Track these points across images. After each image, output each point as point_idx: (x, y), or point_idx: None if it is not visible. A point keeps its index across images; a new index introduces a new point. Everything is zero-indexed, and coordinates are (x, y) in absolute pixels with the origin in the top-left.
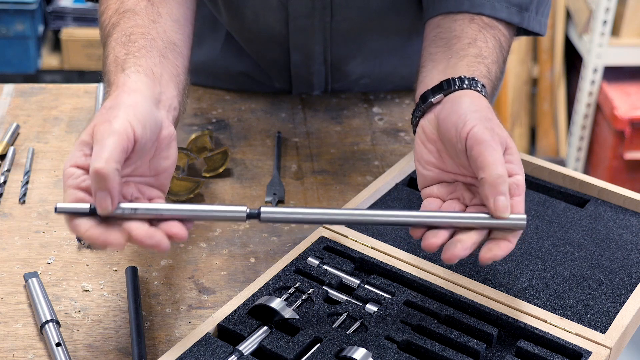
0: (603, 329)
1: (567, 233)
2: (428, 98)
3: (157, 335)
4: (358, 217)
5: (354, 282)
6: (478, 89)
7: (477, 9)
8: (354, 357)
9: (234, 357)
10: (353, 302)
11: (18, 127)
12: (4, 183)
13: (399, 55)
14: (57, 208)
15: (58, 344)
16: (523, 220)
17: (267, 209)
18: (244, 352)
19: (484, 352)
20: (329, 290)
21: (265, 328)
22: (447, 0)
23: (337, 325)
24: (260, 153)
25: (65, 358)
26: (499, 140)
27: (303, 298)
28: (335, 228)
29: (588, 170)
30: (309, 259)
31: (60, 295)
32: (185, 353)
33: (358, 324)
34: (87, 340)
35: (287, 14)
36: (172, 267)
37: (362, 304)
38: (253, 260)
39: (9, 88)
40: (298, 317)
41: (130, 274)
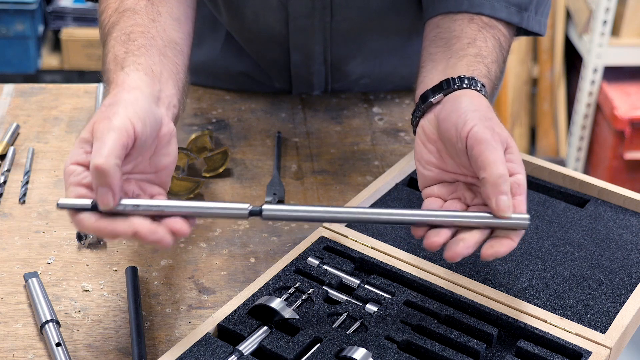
0: (603, 329)
1: (567, 233)
2: (428, 98)
3: (157, 335)
4: (360, 215)
5: (354, 282)
6: (478, 89)
7: (476, 9)
8: (354, 357)
9: (234, 357)
10: (353, 302)
11: (18, 127)
12: (4, 183)
13: (399, 55)
14: (59, 204)
15: (58, 344)
16: (526, 220)
17: (269, 207)
18: (244, 352)
19: (484, 352)
20: (329, 290)
21: (265, 328)
22: (446, 0)
23: (337, 325)
24: (260, 153)
25: (65, 358)
26: (500, 140)
27: (303, 298)
28: (335, 228)
29: (588, 170)
30: (309, 259)
31: (60, 295)
32: (185, 353)
33: (358, 324)
34: (87, 340)
35: (287, 14)
36: (172, 267)
37: (362, 304)
38: (253, 260)
39: (9, 88)
40: (298, 317)
41: (130, 274)
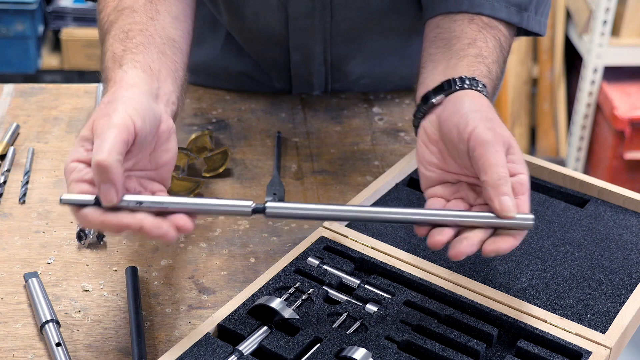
0: (603, 329)
1: (567, 233)
2: (429, 99)
3: (157, 335)
4: (363, 214)
5: (354, 282)
6: (479, 89)
7: (476, 9)
8: (354, 357)
9: (234, 357)
10: (353, 302)
11: (18, 127)
12: (4, 183)
13: (399, 55)
14: (62, 199)
15: (58, 344)
16: (530, 221)
17: (272, 204)
18: (244, 352)
19: (484, 352)
20: (329, 290)
21: (265, 328)
22: (446, 0)
23: (337, 325)
24: (260, 153)
25: (65, 358)
26: (502, 140)
27: (303, 298)
28: (335, 228)
29: (588, 170)
30: (309, 259)
31: (60, 295)
32: (185, 353)
33: (358, 324)
34: (87, 340)
35: (287, 14)
36: (172, 267)
37: (362, 304)
38: (253, 260)
39: (9, 88)
40: (298, 317)
41: (130, 274)
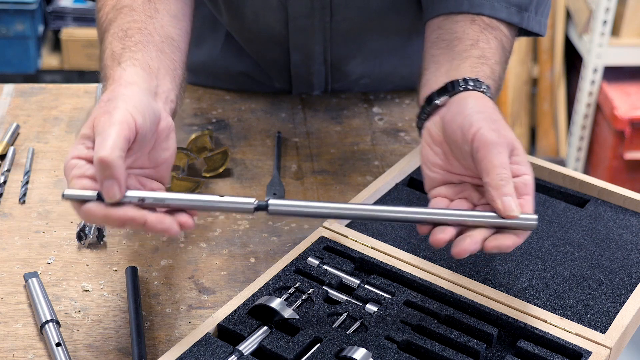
0: (603, 329)
1: (567, 233)
2: (433, 100)
3: (157, 335)
4: (366, 212)
5: (354, 282)
6: (483, 90)
7: (476, 9)
8: (354, 357)
9: (234, 357)
10: (353, 302)
11: (18, 127)
12: (4, 183)
13: (399, 55)
14: (64, 194)
15: (58, 344)
16: (534, 221)
17: (275, 201)
18: (244, 352)
19: (484, 352)
20: (329, 290)
21: (265, 328)
22: (446, 1)
23: (337, 325)
24: (260, 153)
25: (65, 358)
26: (506, 142)
27: (303, 298)
28: (335, 228)
29: (588, 170)
30: (309, 259)
31: (60, 295)
32: (185, 353)
33: (358, 324)
34: (87, 340)
35: (286, 14)
36: (172, 267)
37: (362, 304)
38: (253, 260)
39: (9, 88)
40: (298, 317)
41: (130, 274)
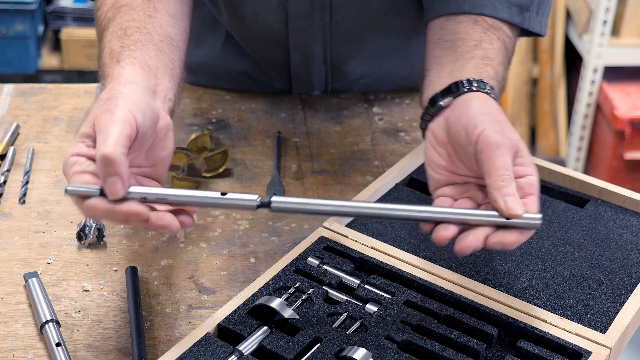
0: (603, 329)
1: (567, 233)
2: (437, 101)
3: (157, 335)
4: (368, 210)
5: (354, 282)
6: (487, 91)
7: (478, 10)
8: (354, 357)
9: (234, 357)
10: (353, 302)
11: (18, 127)
12: (4, 183)
13: (399, 55)
14: (67, 189)
15: (58, 344)
16: (538, 220)
17: (278, 198)
18: (244, 352)
19: (484, 352)
20: (329, 290)
21: (265, 328)
22: (447, 1)
23: (337, 325)
24: (260, 153)
25: (65, 358)
26: (510, 143)
27: (303, 298)
28: (336, 228)
29: (588, 170)
30: (309, 259)
31: (60, 295)
32: (185, 353)
33: (358, 324)
34: (87, 340)
35: (286, 14)
36: (172, 267)
37: (362, 304)
38: (253, 260)
39: (9, 88)
40: (298, 317)
41: (130, 274)
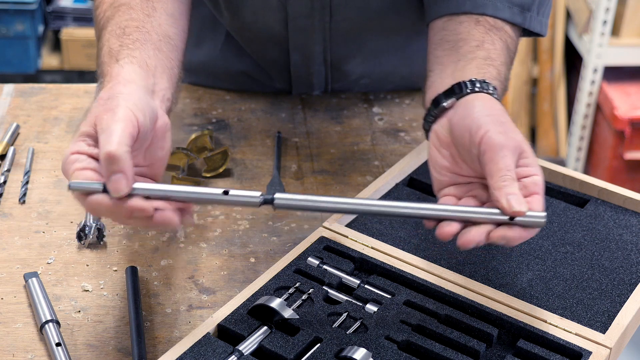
0: (603, 329)
1: (567, 233)
2: (440, 102)
3: (157, 335)
4: (371, 207)
5: (354, 282)
6: (490, 92)
7: (479, 9)
8: (354, 357)
9: (234, 357)
10: (353, 302)
11: (18, 127)
12: (4, 183)
13: (399, 55)
14: (71, 185)
15: (58, 344)
16: (542, 218)
17: (281, 195)
18: (244, 352)
19: (484, 352)
20: (329, 290)
21: (265, 328)
22: (449, 1)
23: (337, 325)
24: (260, 153)
25: (65, 358)
26: (514, 144)
27: (303, 298)
28: (336, 228)
29: (588, 170)
30: (309, 259)
31: (60, 295)
32: (185, 353)
33: (358, 324)
34: (87, 340)
35: (286, 14)
36: (172, 267)
37: (362, 304)
38: (253, 260)
39: (9, 88)
40: (298, 317)
41: (130, 274)
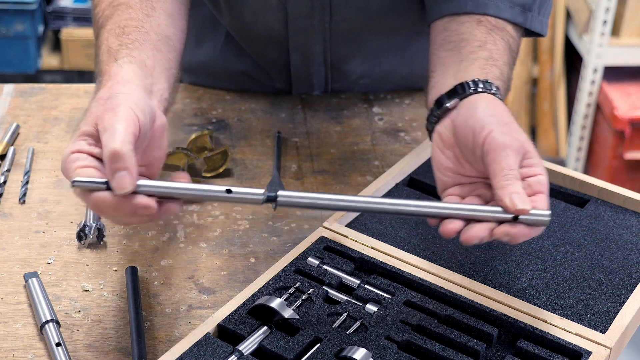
0: (603, 329)
1: (567, 233)
2: (443, 103)
3: (157, 335)
4: (374, 204)
5: (354, 282)
6: (493, 92)
7: (481, 9)
8: (354, 357)
9: (234, 357)
10: (353, 302)
11: (18, 127)
12: (4, 183)
13: (399, 55)
14: (74, 181)
15: (58, 344)
16: (547, 216)
17: (284, 192)
18: (244, 352)
19: (484, 352)
20: (329, 290)
21: (265, 328)
22: (450, 2)
23: (337, 325)
24: (260, 153)
25: (65, 358)
26: (517, 145)
27: (303, 298)
28: (336, 228)
29: (588, 170)
30: (309, 259)
31: (60, 295)
32: (185, 353)
33: (358, 324)
34: (87, 340)
35: (286, 14)
36: (172, 267)
37: (362, 304)
38: (253, 260)
39: (9, 88)
40: (298, 317)
41: (130, 274)
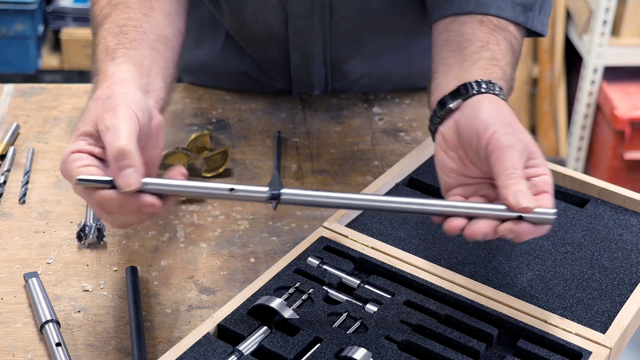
0: (603, 329)
1: (567, 233)
2: (446, 104)
3: (157, 335)
4: (377, 202)
5: (354, 282)
6: (496, 92)
7: (482, 9)
8: (354, 357)
9: (234, 357)
10: (353, 302)
11: (18, 127)
12: (4, 183)
13: (399, 55)
14: (79, 179)
15: (58, 344)
16: (552, 215)
17: (287, 190)
18: (244, 352)
19: (484, 352)
20: (329, 290)
21: (265, 328)
22: (451, 2)
23: (337, 325)
24: (260, 153)
25: (65, 358)
26: (522, 145)
27: (303, 298)
28: (336, 228)
29: (588, 170)
30: (309, 259)
31: (60, 295)
32: (185, 353)
33: (358, 324)
34: (87, 340)
35: (286, 14)
36: (172, 267)
37: (362, 304)
38: (253, 260)
39: (9, 88)
40: (298, 317)
41: (130, 274)
